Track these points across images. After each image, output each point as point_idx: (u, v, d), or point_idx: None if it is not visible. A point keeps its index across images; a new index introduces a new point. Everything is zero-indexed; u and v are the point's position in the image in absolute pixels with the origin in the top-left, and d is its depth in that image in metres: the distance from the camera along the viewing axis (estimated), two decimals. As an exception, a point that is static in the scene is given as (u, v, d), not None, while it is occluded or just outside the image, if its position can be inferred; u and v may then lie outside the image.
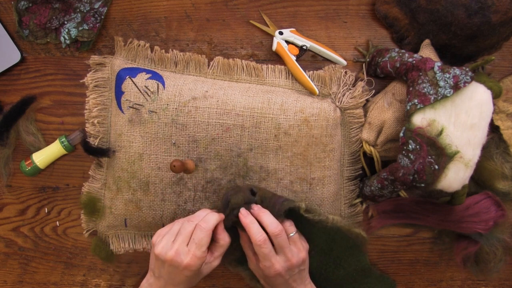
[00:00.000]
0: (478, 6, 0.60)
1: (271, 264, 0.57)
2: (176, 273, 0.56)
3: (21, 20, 0.70)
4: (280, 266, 0.57)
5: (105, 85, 0.70)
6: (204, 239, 0.55)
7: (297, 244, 0.59)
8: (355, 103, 0.67)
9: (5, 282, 0.77)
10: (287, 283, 0.59)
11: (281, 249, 0.58)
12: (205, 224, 0.56)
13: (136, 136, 0.66)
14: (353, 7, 0.70)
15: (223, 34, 0.71)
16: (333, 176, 0.67)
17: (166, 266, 0.56)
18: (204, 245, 0.56)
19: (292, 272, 0.59)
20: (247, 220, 0.58)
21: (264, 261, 0.57)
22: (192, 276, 0.57)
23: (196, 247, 0.55)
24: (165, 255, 0.55)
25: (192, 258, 0.55)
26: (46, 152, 0.71)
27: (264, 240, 0.56)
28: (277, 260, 0.57)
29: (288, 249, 0.58)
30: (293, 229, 0.60)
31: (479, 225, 0.66)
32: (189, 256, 0.55)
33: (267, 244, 0.57)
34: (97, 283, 0.76)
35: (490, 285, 0.76)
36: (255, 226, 0.57)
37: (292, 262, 0.58)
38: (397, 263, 0.75)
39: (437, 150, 0.58)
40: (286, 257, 0.58)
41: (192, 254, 0.55)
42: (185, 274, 0.56)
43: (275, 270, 0.57)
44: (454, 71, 0.58)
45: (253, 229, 0.57)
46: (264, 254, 0.57)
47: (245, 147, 0.64)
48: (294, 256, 0.58)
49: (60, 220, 0.75)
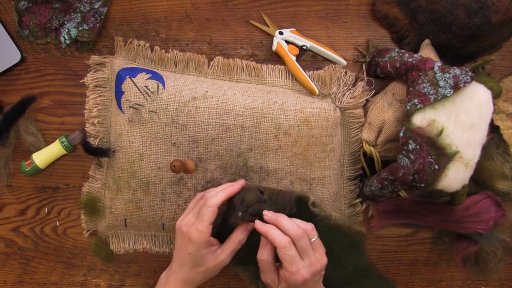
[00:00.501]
0: (478, 6, 0.60)
1: (297, 270, 0.54)
2: (182, 246, 0.58)
3: (21, 20, 0.70)
4: (306, 272, 0.54)
5: (105, 85, 0.70)
6: (206, 214, 0.56)
7: (319, 249, 0.57)
8: (355, 103, 0.67)
9: (5, 282, 0.77)
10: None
11: (305, 253, 0.55)
12: (210, 201, 0.57)
13: (136, 136, 0.66)
14: (353, 7, 0.70)
15: (223, 34, 0.71)
16: (333, 176, 0.67)
17: (177, 236, 0.59)
18: (206, 221, 0.56)
19: (315, 278, 0.56)
20: (265, 228, 0.56)
21: (291, 267, 0.54)
22: (195, 255, 0.57)
23: (199, 221, 0.56)
24: (177, 224, 0.59)
25: (194, 230, 0.56)
26: (46, 152, 0.71)
27: (289, 242, 0.54)
28: (303, 265, 0.54)
29: (312, 252, 0.55)
30: (315, 234, 0.57)
31: (479, 225, 0.66)
32: (192, 227, 0.57)
33: (292, 246, 0.54)
34: (97, 283, 0.76)
35: (490, 285, 0.76)
36: (275, 231, 0.55)
37: (317, 267, 0.55)
38: (397, 263, 0.75)
39: (437, 150, 0.58)
40: (310, 262, 0.55)
41: (194, 226, 0.56)
42: (188, 249, 0.57)
43: (302, 276, 0.54)
44: (454, 71, 0.58)
45: (275, 234, 0.55)
46: (291, 258, 0.54)
47: (245, 147, 0.64)
48: (318, 261, 0.56)
49: (60, 220, 0.75)
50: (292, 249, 0.54)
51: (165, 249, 0.73)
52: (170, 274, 0.61)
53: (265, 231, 0.56)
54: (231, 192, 0.58)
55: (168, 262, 0.74)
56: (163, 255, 0.74)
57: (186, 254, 0.58)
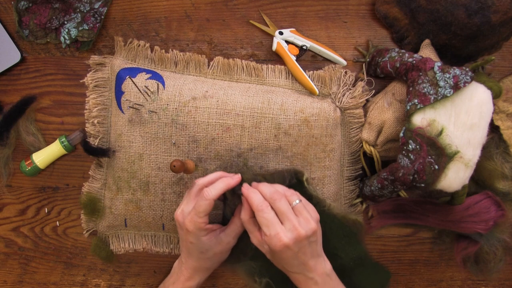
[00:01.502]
0: (478, 6, 0.60)
1: (275, 233, 0.52)
2: (183, 237, 0.58)
3: (21, 20, 0.70)
4: (285, 237, 0.52)
5: (105, 85, 0.70)
6: (203, 206, 0.55)
7: (303, 213, 0.54)
8: (355, 103, 0.67)
9: (5, 282, 0.77)
10: (296, 257, 0.54)
11: (284, 216, 0.53)
12: (207, 193, 0.55)
13: (136, 136, 0.66)
14: (353, 7, 0.70)
15: (223, 34, 0.71)
16: (333, 176, 0.67)
17: (178, 227, 0.59)
18: (202, 212, 0.55)
19: (300, 244, 0.53)
20: (248, 191, 0.56)
21: (268, 230, 0.53)
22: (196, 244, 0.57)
23: (194, 212, 0.56)
24: (175, 214, 0.59)
25: (189, 221, 0.56)
26: (46, 152, 0.71)
27: (266, 205, 0.53)
28: (282, 229, 0.52)
29: (293, 216, 0.53)
30: (295, 198, 0.55)
31: (479, 225, 0.66)
32: (187, 218, 0.56)
33: (268, 209, 0.53)
34: (97, 283, 0.76)
35: (490, 285, 0.76)
36: (255, 195, 0.55)
37: (299, 232, 0.52)
38: (397, 263, 0.75)
39: (437, 150, 0.58)
40: (291, 226, 0.52)
41: (190, 217, 0.56)
42: (189, 239, 0.57)
43: (280, 241, 0.52)
44: (454, 71, 0.58)
45: (254, 197, 0.54)
46: (267, 221, 0.53)
47: (245, 147, 0.64)
48: (302, 226, 0.53)
49: (60, 220, 0.75)
50: (268, 212, 0.53)
51: (165, 249, 0.73)
52: (182, 264, 0.62)
53: (247, 194, 0.56)
54: (229, 186, 0.57)
55: (168, 262, 0.75)
56: (163, 255, 0.74)
57: (188, 244, 0.58)
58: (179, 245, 0.72)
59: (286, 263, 0.55)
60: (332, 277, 0.58)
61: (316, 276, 0.55)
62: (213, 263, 0.61)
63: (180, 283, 0.62)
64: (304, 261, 0.55)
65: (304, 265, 0.55)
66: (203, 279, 0.63)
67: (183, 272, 0.61)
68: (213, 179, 0.58)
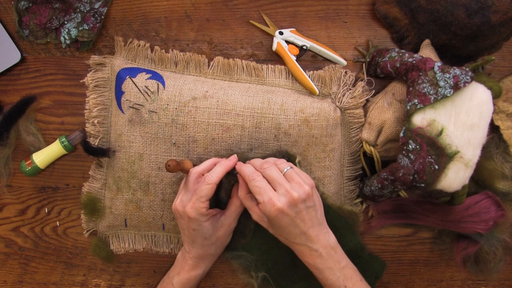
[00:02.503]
0: (478, 6, 0.60)
1: (268, 198, 0.52)
2: (185, 226, 0.59)
3: (21, 20, 0.70)
4: (278, 201, 0.52)
5: (105, 85, 0.70)
6: (204, 191, 0.56)
7: (295, 178, 0.54)
8: (355, 103, 0.67)
9: (5, 282, 0.77)
10: (294, 223, 0.53)
11: (275, 183, 0.54)
12: (209, 178, 0.56)
13: (136, 136, 0.66)
14: (353, 7, 0.70)
15: (223, 34, 0.71)
16: (333, 176, 0.67)
17: (177, 218, 0.60)
18: (204, 197, 0.56)
19: (297, 208, 0.53)
20: (240, 165, 0.58)
21: (261, 197, 0.53)
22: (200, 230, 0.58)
23: (196, 197, 0.57)
24: (173, 206, 0.60)
25: (190, 208, 0.56)
26: (46, 152, 0.71)
27: (257, 175, 0.54)
28: (274, 194, 0.53)
29: (284, 181, 0.54)
30: (286, 165, 0.56)
31: (479, 225, 0.66)
32: (188, 205, 0.57)
33: (260, 177, 0.54)
34: (97, 283, 0.76)
35: (490, 285, 0.76)
36: (247, 167, 0.56)
37: (292, 195, 0.52)
38: (397, 263, 0.75)
39: (437, 150, 0.58)
40: (284, 190, 0.53)
41: (191, 204, 0.57)
42: (191, 226, 0.58)
43: (274, 205, 0.52)
44: (454, 71, 0.58)
45: (245, 169, 0.56)
46: (259, 189, 0.53)
47: (245, 147, 0.64)
48: (294, 189, 0.53)
49: (60, 220, 0.75)
50: (260, 180, 0.54)
51: (165, 249, 0.73)
52: (185, 253, 0.63)
53: (239, 169, 0.57)
54: (228, 168, 0.58)
55: (168, 262, 0.75)
56: (163, 255, 0.74)
57: (191, 231, 0.59)
58: (179, 245, 0.72)
59: (287, 233, 0.55)
60: (337, 250, 0.57)
61: (320, 248, 0.55)
62: (216, 248, 0.61)
63: (185, 273, 0.62)
64: (304, 230, 0.54)
65: (305, 235, 0.55)
66: (208, 267, 0.64)
67: (187, 261, 0.62)
68: (209, 166, 0.59)
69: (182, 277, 0.62)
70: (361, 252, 0.66)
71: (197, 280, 0.64)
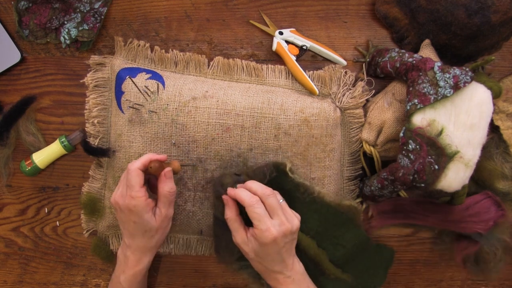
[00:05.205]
0: (478, 6, 0.60)
1: (267, 228, 0.55)
2: (125, 218, 0.59)
3: (21, 20, 0.70)
4: (275, 230, 0.55)
5: (105, 85, 0.70)
6: (132, 180, 0.57)
7: (288, 211, 0.58)
8: (355, 103, 0.67)
9: (5, 282, 0.77)
10: (279, 252, 0.57)
11: (274, 212, 0.56)
12: (130, 166, 0.57)
13: (136, 136, 0.66)
14: (353, 7, 0.70)
15: (223, 34, 0.71)
16: (333, 176, 0.67)
17: (117, 211, 0.60)
18: (135, 185, 0.57)
19: (286, 239, 0.57)
20: (235, 191, 0.58)
21: (260, 224, 0.55)
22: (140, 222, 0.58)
23: (129, 188, 0.57)
24: (111, 200, 0.60)
25: (129, 199, 0.57)
26: (46, 152, 0.71)
27: (257, 201, 0.56)
28: (272, 223, 0.55)
29: (281, 212, 0.57)
30: (280, 197, 0.59)
31: (479, 225, 0.66)
32: (127, 197, 0.57)
33: (260, 204, 0.56)
34: (97, 283, 0.76)
35: (490, 285, 0.76)
36: (244, 192, 0.57)
37: (287, 226, 0.56)
38: (397, 263, 0.75)
39: (437, 150, 0.58)
40: (280, 221, 0.56)
41: (128, 195, 0.57)
42: (132, 219, 0.58)
43: (271, 234, 0.55)
44: (454, 71, 0.58)
45: (243, 194, 0.56)
46: (259, 216, 0.55)
47: (245, 147, 0.64)
48: (289, 221, 0.57)
49: (60, 220, 0.75)
50: (260, 207, 0.56)
51: (165, 249, 0.73)
52: (126, 249, 0.62)
53: (234, 194, 0.58)
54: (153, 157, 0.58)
55: (168, 262, 0.75)
56: (163, 255, 0.74)
57: (131, 224, 0.59)
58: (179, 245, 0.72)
59: (269, 260, 0.58)
60: (306, 277, 0.62)
61: (293, 275, 0.59)
62: (157, 239, 0.62)
63: (130, 269, 0.62)
64: (285, 258, 0.58)
65: (284, 263, 0.58)
66: (151, 259, 0.64)
67: (129, 257, 0.62)
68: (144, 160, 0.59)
69: (128, 274, 0.63)
70: (367, 245, 0.66)
71: (143, 274, 0.64)
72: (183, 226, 0.70)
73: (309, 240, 0.64)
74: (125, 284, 0.63)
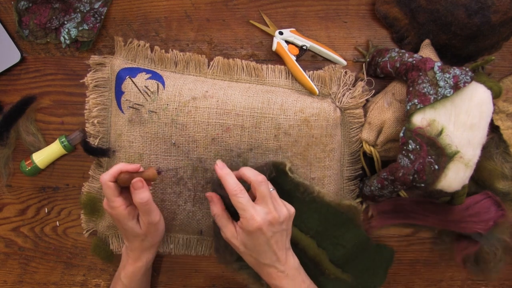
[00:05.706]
0: (478, 6, 0.60)
1: (251, 215, 0.54)
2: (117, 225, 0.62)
3: (21, 20, 0.70)
4: (260, 218, 0.54)
5: (105, 85, 0.70)
6: (105, 191, 0.58)
7: (277, 200, 0.57)
8: (355, 103, 0.67)
9: (5, 282, 0.77)
10: (268, 243, 0.55)
11: (263, 200, 0.55)
12: (101, 177, 0.58)
13: (136, 136, 0.66)
14: (353, 7, 0.70)
15: (223, 34, 0.71)
16: (333, 176, 0.67)
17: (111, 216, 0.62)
18: (110, 197, 0.58)
19: (274, 228, 0.55)
20: (222, 172, 0.57)
21: (244, 213, 0.54)
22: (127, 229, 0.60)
23: (106, 200, 0.59)
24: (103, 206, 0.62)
25: (109, 209, 0.59)
26: (46, 152, 0.71)
27: (241, 189, 0.55)
28: (256, 211, 0.54)
29: (270, 201, 0.55)
30: (271, 186, 0.58)
31: (479, 225, 0.66)
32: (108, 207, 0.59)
33: (244, 193, 0.55)
34: (97, 283, 0.76)
35: (490, 285, 0.76)
36: (231, 179, 0.56)
37: (273, 215, 0.54)
38: (397, 263, 0.75)
39: (437, 150, 0.58)
40: (268, 209, 0.55)
41: (108, 206, 0.59)
42: (119, 225, 0.61)
43: (256, 222, 0.53)
44: (454, 71, 0.58)
45: (229, 181, 0.56)
46: (243, 205, 0.54)
47: (245, 147, 0.64)
48: (277, 210, 0.55)
49: (60, 220, 0.75)
50: (243, 196, 0.55)
51: (165, 249, 0.73)
52: (127, 248, 0.65)
53: (222, 176, 0.57)
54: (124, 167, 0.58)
55: (168, 262, 0.75)
56: (163, 255, 0.74)
57: (121, 229, 0.62)
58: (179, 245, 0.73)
59: (259, 252, 0.56)
60: (301, 271, 0.60)
61: (287, 269, 0.58)
62: (151, 241, 0.63)
63: (130, 266, 0.65)
64: (276, 251, 0.56)
65: (276, 256, 0.57)
66: (151, 256, 0.66)
67: (129, 255, 0.65)
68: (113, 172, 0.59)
69: (128, 271, 0.65)
70: (367, 244, 0.66)
71: (143, 271, 0.65)
72: (183, 226, 0.70)
73: (309, 240, 0.64)
74: (124, 280, 0.65)
